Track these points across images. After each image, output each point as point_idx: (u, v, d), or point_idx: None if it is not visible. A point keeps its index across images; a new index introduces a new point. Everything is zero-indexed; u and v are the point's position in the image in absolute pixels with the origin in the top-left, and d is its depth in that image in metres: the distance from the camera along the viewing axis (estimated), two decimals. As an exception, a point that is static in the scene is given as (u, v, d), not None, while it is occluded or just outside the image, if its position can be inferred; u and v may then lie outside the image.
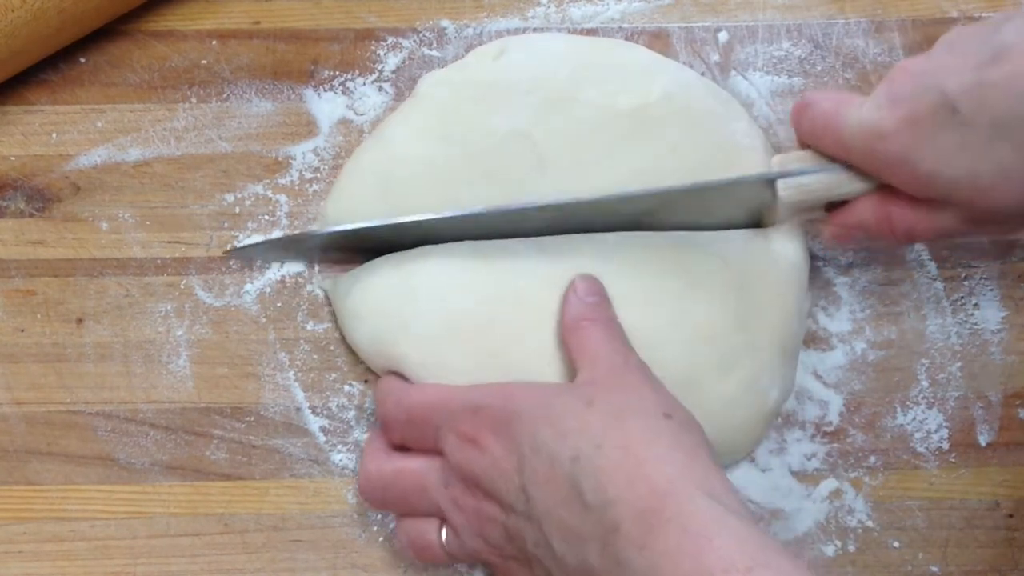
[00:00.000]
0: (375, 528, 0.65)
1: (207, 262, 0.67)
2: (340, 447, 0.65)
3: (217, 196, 0.68)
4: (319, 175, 0.69)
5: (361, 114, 0.70)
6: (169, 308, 0.67)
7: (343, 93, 0.70)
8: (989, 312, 0.68)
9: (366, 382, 0.66)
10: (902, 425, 0.67)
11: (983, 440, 0.67)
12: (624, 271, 0.63)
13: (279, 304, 0.67)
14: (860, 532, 0.65)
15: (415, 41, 0.71)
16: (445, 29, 0.71)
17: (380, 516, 0.65)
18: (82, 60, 0.70)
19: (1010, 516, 0.66)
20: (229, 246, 0.67)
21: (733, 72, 0.71)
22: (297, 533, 0.64)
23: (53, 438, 0.65)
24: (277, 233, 0.67)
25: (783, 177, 0.62)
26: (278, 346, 0.66)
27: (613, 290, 0.62)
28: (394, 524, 0.63)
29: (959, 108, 0.55)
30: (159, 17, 0.71)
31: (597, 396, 0.56)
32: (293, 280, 0.67)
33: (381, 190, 0.65)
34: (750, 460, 0.66)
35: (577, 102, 0.65)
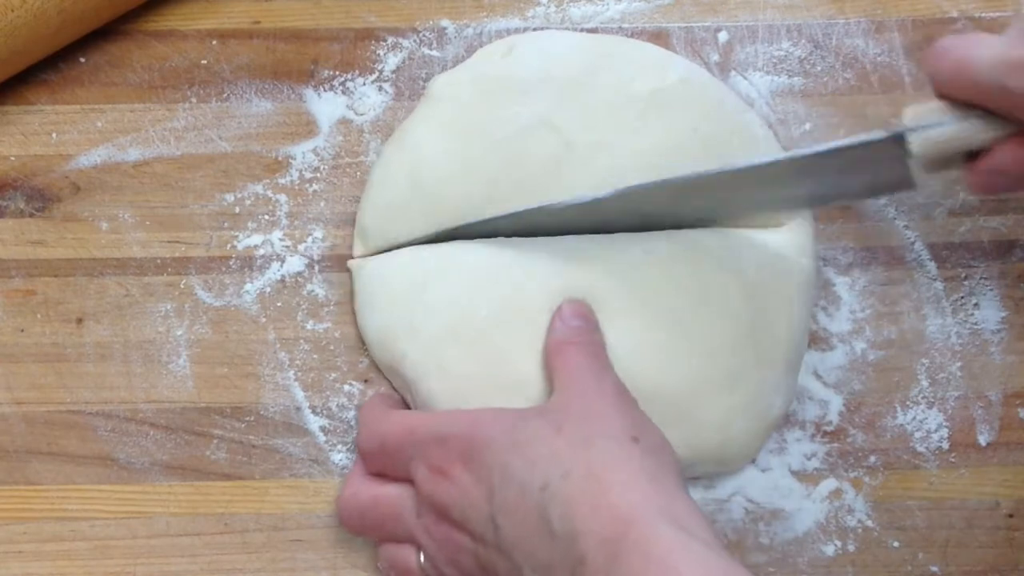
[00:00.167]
0: (375, 528, 0.65)
1: (207, 262, 0.67)
2: (340, 447, 0.65)
3: (217, 196, 0.68)
4: (319, 175, 0.69)
5: (361, 114, 0.70)
6: (169, 308, 0.67)
7: (343, 93, 0.70)
8: (989, 312, 0.68)
9: (366, 382, 0.66)
10: (902, 425, 0.67)
11: (983, 440, 0.67)
12: (634, 283, 0.62)
13: (279, 304, 0.67)
14: (860, 532, 0.65)
15: (415, 41, 0.71)
16: (445, 29, 0.71)
17: (380, 516, 0.65)
18: (82, 60, 0.70)
19: (1010, 516, 0.66)
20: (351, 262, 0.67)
21: (733, 72, 0.71)
22: (297, 533, 0.64)
23: (53, 438, 0.65)
24: (277, 233, 0.68)
25: (917, 130, 0.57)
26: (278, 346, 0.67)
27: (621, 303, 0.62)
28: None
29: None
30: (159, 17, 0.71)
31: (566, 422, 0.56)
32: (293, 280, 0.67)
33: (413, 191, 0.65)
34: (750, 462, 0.66)
35: (593, 88, 0.65)
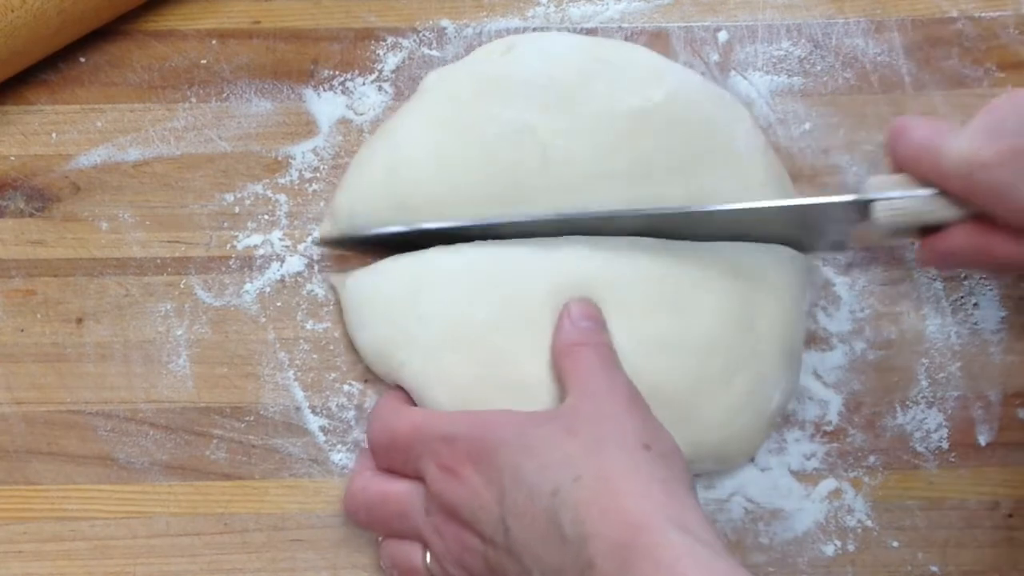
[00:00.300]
0: (375, 528, 0.65)
1: (207, 262, 0.67)
2: (340, 447, 0.65)
3: (217, 196, 0.68)
4: (319, 175, 0.69)
5: (361, 114, 0.70)
6: (169, 308, 0.67)
7: (343, 93, 0.70)
8: (989, 312, 0.68)
9: (366, 382, 0.66)
10: (902, 425, 0.67)
11: (983, 440, 0.67)
12: (630, 279, 0.62)
13: (279, 304, 0.67)
14: (860, 532, 0.65)
15: (415, 41, 0.71)
16: (445, 29, 0.71)
17: (380, 516, 0.65)
18: (82, 60, 0.70)
19: (1010, 516, 0.66)
20: (317, 236, 0.67)
21: (733, 72, 0.71)
22: (297, 533, 0.64)
23: (53, 438, 0.65)
24: (277, 233, 0.67)
25: (880, 200, 0.61)
26: (278, 346, 0.66)
27: (618, 299, 0.62)
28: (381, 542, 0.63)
29: None
30: (159, 17, 0.70)
31: (578, 426, 0.56)
32: (293, 280, 0.67)
33: (389, 181, 0.65)
34: (749, 460, 0.66)
35: (582, 98, 0.65)
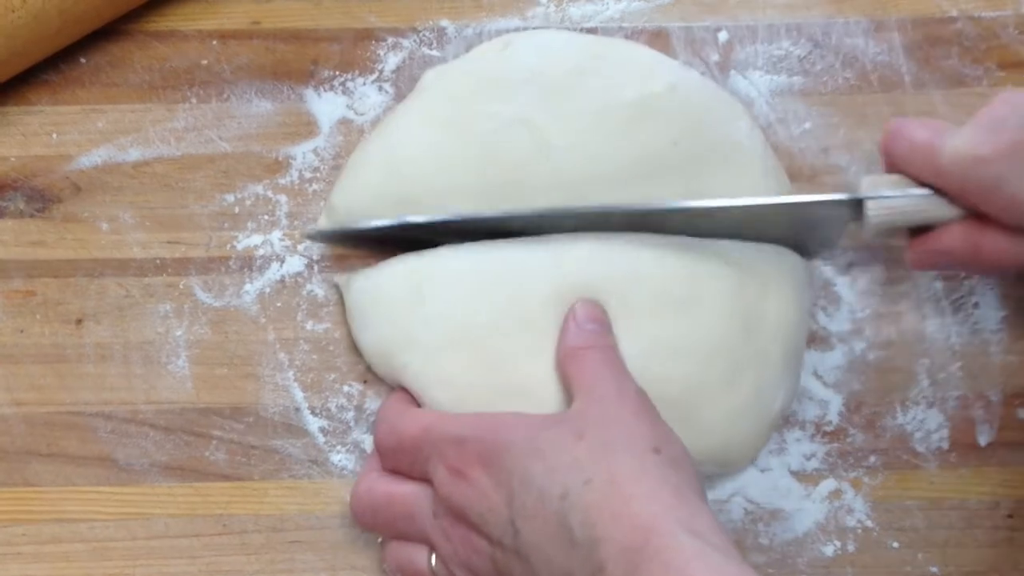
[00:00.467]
0: (374, 528, 0.65)
1: (207, 262, 0.67)
2: (339, 448, 0.65)
3: (217, 196, 0.68)
4: (319, 175, 0.69)
5: (361, 114, 0.70)
6: (169, 308, 0.67)
7: (343, 93, 0.70)
8: (989, 312, 0.68)
9: (365, 382, 0.66)
10: (902, 425, 0.67)
11: (983, 440, 0.67)
12: (633, 280, 0.62)
13: (279, 304, 0.67)
14: (860, 532, 0.65)
15: (415, 41, 0.71)
16: (445, 29, 0.71)
17: (379, 516, 0.65)
18: (82, 60, 0.70)
19: (1010, 516, 0.66)
20: (309, 230, 0.67)
21: (733, 72, 0.70)
22: (296, 534, 0.65)
23: (53, 439, 0.65)
24: (277, 233, 0.68)
25: (874, 199, 0.61)
26: (277, 346, 0.67)
27: (621, 301, 0.62)
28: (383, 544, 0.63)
29: None
30: (159, 17, 0.70)
31: (588, 429, 0.55)
32: (293, 280, 0.67)
33: (387, 177, 0.65)
34: (751, 464, 0.66)
35: (580, 92, 0.65)
